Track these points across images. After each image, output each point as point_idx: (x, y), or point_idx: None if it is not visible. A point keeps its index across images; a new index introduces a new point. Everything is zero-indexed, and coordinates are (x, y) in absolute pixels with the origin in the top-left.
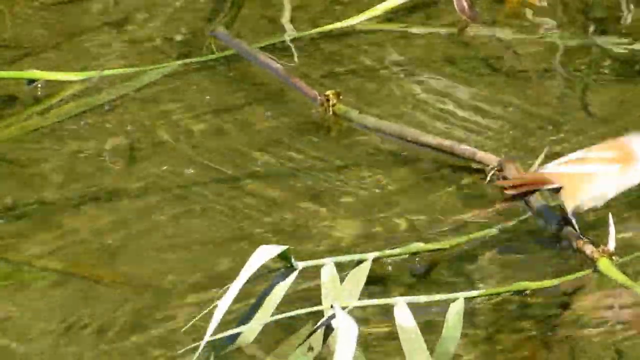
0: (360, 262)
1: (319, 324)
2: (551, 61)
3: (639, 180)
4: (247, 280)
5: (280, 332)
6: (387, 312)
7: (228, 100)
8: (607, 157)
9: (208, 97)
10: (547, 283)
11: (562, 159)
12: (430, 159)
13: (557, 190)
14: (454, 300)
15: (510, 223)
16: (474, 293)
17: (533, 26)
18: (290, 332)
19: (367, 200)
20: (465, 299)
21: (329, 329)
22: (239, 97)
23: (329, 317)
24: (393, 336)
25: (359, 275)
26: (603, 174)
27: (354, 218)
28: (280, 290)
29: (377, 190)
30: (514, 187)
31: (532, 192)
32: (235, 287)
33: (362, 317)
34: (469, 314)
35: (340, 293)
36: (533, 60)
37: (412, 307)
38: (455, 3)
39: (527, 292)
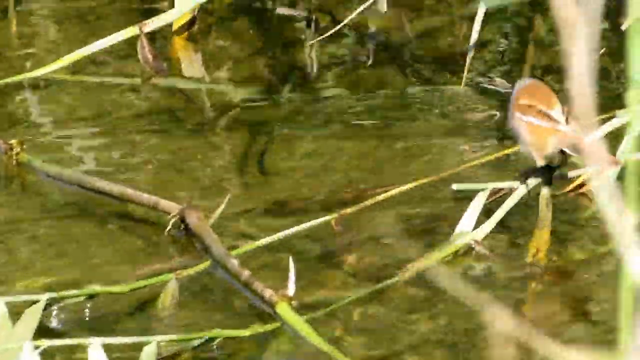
0: (35, 302)
1: None
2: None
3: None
4: None
5: None
6: None
7: None
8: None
9: None
10: (240, 332)
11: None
12: (114, 211)
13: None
14: (147, 343)
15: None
16: (167, 337)
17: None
18: None
19: (44, 254)
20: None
21: None
22: None
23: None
24: None
25: (33, 315)
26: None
27: (32, 269)
28: None
29: (53, 245)
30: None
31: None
32: None
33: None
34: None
35: (12, 332)
36: (218, 111)
37: None
38: (139, 55)
39: (218, 339)
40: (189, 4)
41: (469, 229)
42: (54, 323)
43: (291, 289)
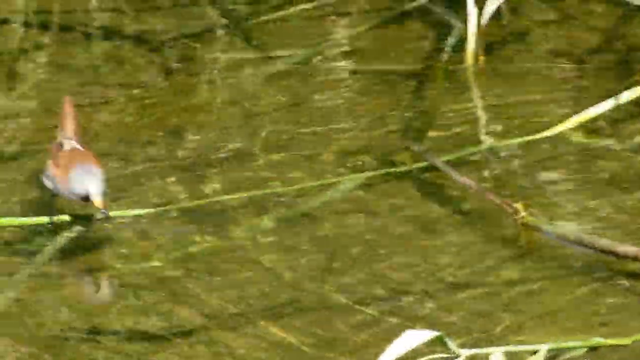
0: (533, 352)
1: None
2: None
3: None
4: None
5: None
6: None
7: (423, 210)
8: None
9: (406, 210)
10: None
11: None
12: (621, 270)
13: None
14: None
15: None
16: None
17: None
18: None
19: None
20: None
21: None
22: (433, 209)
23: None
24: None
25: None
26: None
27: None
28: None
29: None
30: None
31: None
32: None
33: None
34: None
35: None
36: None
37: None
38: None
39: None
40: None
41: None
42: None
43: None
